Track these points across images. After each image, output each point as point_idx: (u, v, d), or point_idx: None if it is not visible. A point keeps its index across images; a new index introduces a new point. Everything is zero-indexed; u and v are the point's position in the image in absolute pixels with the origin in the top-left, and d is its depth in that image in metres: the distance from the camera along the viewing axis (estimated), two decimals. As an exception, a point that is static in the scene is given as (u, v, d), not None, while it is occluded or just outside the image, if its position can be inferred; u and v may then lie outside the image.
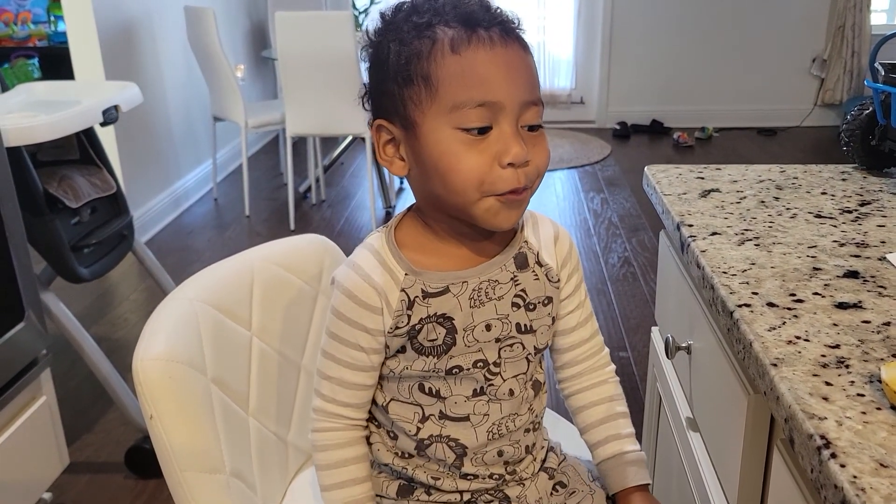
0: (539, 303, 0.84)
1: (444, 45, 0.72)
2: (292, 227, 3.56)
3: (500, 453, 0.85)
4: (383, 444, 0.86)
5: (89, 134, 1.90)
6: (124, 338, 2.59)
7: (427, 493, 0.86)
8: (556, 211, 3.78)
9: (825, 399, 0.58)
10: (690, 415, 0.98)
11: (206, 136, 4.08)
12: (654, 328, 1.23)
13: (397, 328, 0.79)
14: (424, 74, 0.72)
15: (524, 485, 0.88)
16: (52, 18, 4.60)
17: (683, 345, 0.98)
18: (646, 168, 1.19)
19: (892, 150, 1.10)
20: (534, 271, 0.84)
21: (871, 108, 1.12)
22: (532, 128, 0.75)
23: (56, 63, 3.89)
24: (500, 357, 0.82)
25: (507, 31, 0.74)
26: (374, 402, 0.86)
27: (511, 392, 0.83)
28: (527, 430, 0.87)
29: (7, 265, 1.50)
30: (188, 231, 3.61)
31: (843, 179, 1.12)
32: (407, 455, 0.85)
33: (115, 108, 1.84)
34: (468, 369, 0.81)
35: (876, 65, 1.09)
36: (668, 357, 0.99)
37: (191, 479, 0.81)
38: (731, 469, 0.79)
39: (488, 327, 0.81)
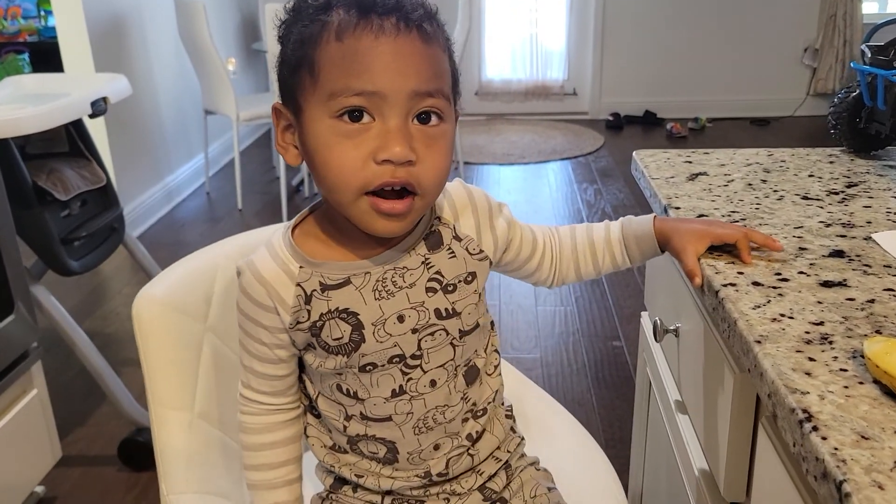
0: (460, 281, 0.78)
1: (330, 30, 0.67)
2: (285, 220, 3.55)
3: (437, 447, 0.82)
4: (318, 439, 0.86)
5: (78, 126, 1.89)
6: (116, 332, 2.58)
7: (353, 490, 0.85)
8: (549, 202, 3.78)
9: (808, 374, 0.58)
10: (679, 397, 0.98)
11: (198, 129, 4.06)
12: (643, 313, 1.23)
13: (298, 323, 0.75)
14: (309, 60, 0.68)
15: (448, 501, 0.84)
16: (42, 13, 4.57)
17: (671, 328, 0.98)
18: (634, 153, 1.19)
19: (879, 133, 1.10)
20: (450, 248, 0.78)
21: (857, 91, 1.12)
22: (426, 121, 0.69)
23: (46, 58, 3.87)
24: (419, 348, 0.77)
25: (405, 19, 0.67)
26: (306, 393, 0.84)
27: (433, 383, 0.79)
28: (465, 420, 0.83)
29: (-4, 257, 1.49)
30: (180, 225, 3.60)
31: (831, 162, 1.12)
32: (341, 450, 0.84)
33: (104, 99, 1.83)
34: (383, 366, 0.77)
35: (862, 47, 1.09)
36: (656, 340, 0.99)
37: (157, 412, 0.91)
38: (718, 448, 0.79)
39: (401, 318, 0.75)
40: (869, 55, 1.07)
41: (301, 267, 0.75)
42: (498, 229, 0.83)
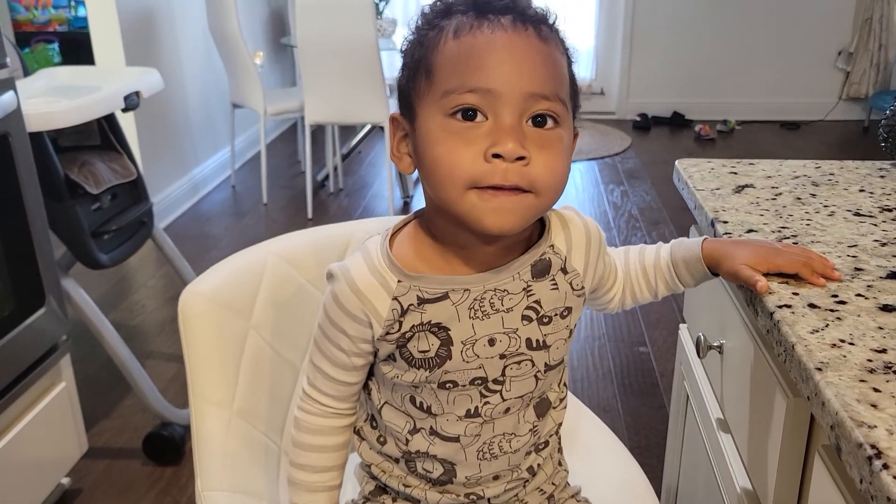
0: (556, 315, 0.76)
1: (448, 32, 0.67)
2: (310, 215, 3.55)
3: (497, 477, 0.81)
4: (371, 448, 0.84)
5: (110, 120, 1.90)
6: (142, 324, 2.59)
7: (393, 500, 0.84)
8: (575, 203, 3.75)
9: (874, 406, 0.55)
10: (721, 416, 0.96)
11: (225, 122, 4.07)
12: (682, 325, 1.20)
13: (388, 334, 0.73)
14: (427, 63, 0.68)
15: None
16: (73, 3, 4.60)
17: (715, 344, 0.95)
18: (676, 162, 1.17)
19: (933, 147, 1.06)
20: (553, 280, 0.75)
21: (911, 103, 1.09)
22: (541, 124, 0.66)
23: (76, 48, 3.90)
24: (503, 375, 0.75)
25: (521, 17, 0.66)
26: (370, 400, 0.83)
27: (507, 410, 0.77)
28: (528, 453, 0.82)
29: (28, 251, 1.50)
30: (206, 218, 3.61)
31: (882, 176, 1.09)
32: (392, 459, 0.83)
33: (137, 94, 1.83)
34: (464, 386, 0.75)
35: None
36: (699, 356, 0.97)
37: (197, 406, 0.91)
38: (766, 473, 0.77)
39: (492, 342, 0.73)
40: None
41: (399, 281, 0.72)
42: (601, 266, 0.82)
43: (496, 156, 0.64)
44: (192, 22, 3.79)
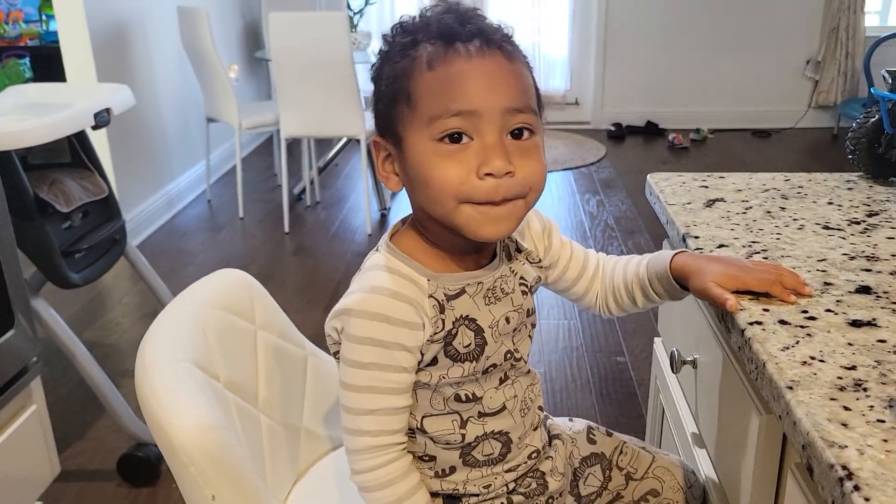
0: (534, 284, 0.88)
1: (421, 62, 0.73)
2: (287, 229, 3.53)
3: (535, 427, 0.88)
4: (424, 475, 0.83)
5: (81, 137, 1.87)
6: (117, 342, 2.56)
7: (475, 495, 0.85)
8: (551, 213, 3.75)
9: (844, 425, 0.56)
10: (696, 430, 0.96)
11: (200, 137, 4.04)
12: (656, 339, 1.21)
13: (435, 334, 0.77)
14: (406, 92, 0.73)
15: (551, 457, 0.89)
16: (44, 18, 4.55)
17: (689, 358, 0.96)
18: (648, 176, 1.17)
19: (899, 160, 1.08)
20: (519, 259, 0.87)
21: (877, 117, 1.11)
22: (518, 136, 0.74)
23: (48, 63, 3.85)
24: (514, 344, 0.84)
25: (487, 41, 0.73)
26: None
27: (523, 366, 0.86)
28: (537, 393, 0.90)
29: (-4, 272, 1.47)
30: (181, 233, 3.58)
31: (850, 189, 1.10)
32: (449, 471, 0.83)
33: (107, 111, 1.81)
34: (500, 364, 0.82)
35: (883, 73, 1.08)
36: (673, 372, 0.97)
37: None
38: (739, 490, 0.77)
39: (508, 320, 0.82)
40: (890, 81, 1.06)
41: (429, 280, 0.78)
42: (549, 244, 0.90)
43: (488, 174, 0.71)
44: (166, 36, 3.76)
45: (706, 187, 1.12)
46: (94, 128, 1.79)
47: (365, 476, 0.78)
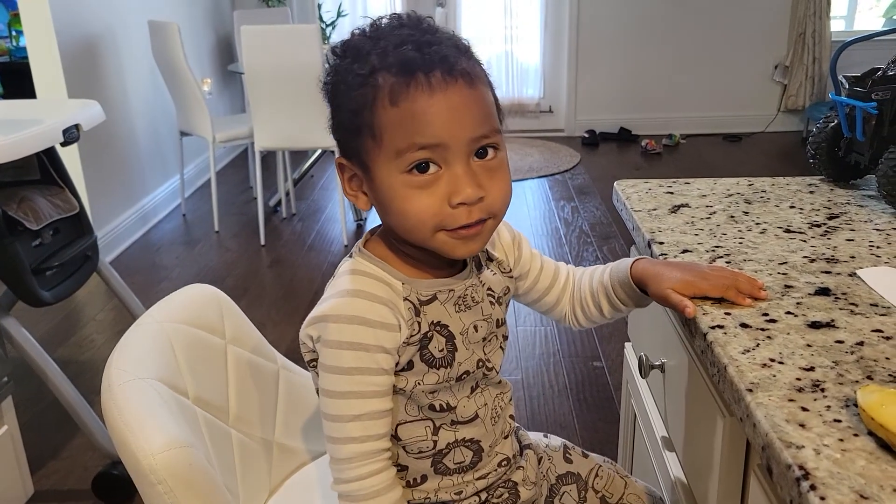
0: (503, 294, 0.88)
1: (384, 96, 0.72)
2: (262, 241, 3.52)
3: (505, 435, 0.88)
4: (405, 486, 0.84)
5: (50, 154, 1.86)
6: (91, 359, 2.53)
7: (447, 503, 0.86)
8: (526, 220, 3.78)
9: (802, 426, 0.57)
10: (666, 434, 0.97)
11: (174, 151, 4.02)
12: (627, 344, 1.22)
13: (411, 336, 0.78)
14: (369, 125, 0.73)
15: (522, 466, 0.90)
16: (14, 33, 4.51)
17: (657, 363, 0.97)
18: (615, 183, 1.19)
19: (858, 163, 1.10)
20: (489, 269, 0.87)
21: (836, 121, 1.13)
22: (483, 155, 0.74)
23: (19, 78, 3.82)
24: (484, 353, 0.84)
25: (448, 70, 0.72)
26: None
27: (494, 376, 0.87)
28: (508, 401, 0.90)
29: (-35, 292, 1.46)
30: (156, 248, 3.55)
31: (811, 192, 1.13)
32: (420, 479, 0.84)
33: (76, 127, 1.80)
34: (473, 372, 0.83)
35: (840, 78, 1.10)
36: (641, 376, 0.98)
37: None
38: (707, 491, 0.78)
39: (476, 328, 0.83)
40: (847, 86, 1.08)
41: (403, 283, 0.79)
42: (518, 255, 0.92)
43: (461, 203, 0.73)
44: (137, 50, 3.74)
45: (672, 193, 1.13)
46: (64, 144, 1.77)
47: (352, 485, 0.77)
